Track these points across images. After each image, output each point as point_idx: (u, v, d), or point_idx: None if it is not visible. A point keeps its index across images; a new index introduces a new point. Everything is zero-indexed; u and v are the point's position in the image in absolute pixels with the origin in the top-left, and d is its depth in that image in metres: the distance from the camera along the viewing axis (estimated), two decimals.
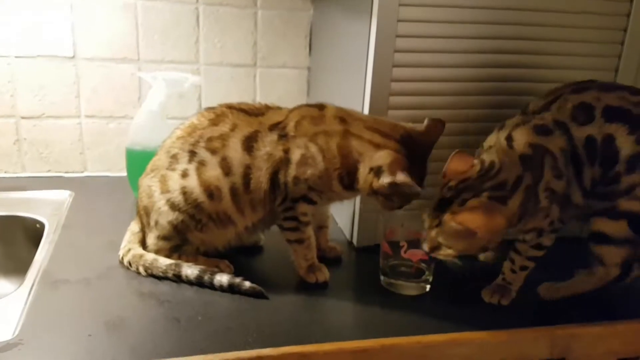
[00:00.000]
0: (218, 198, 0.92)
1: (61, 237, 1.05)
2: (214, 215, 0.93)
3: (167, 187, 0.94)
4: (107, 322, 0.80)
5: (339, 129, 0.91)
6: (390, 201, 0.90)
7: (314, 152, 0.90)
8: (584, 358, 0.89)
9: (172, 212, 0.93)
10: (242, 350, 0.75)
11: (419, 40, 0.99)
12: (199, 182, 0.92)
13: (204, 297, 0.89)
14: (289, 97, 1.44)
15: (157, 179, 0.95)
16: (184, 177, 0.93)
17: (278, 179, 0.91)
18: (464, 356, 0.83)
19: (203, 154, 0.92)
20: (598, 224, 0.91)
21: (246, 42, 1.38)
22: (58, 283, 0.90)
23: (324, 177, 0.91)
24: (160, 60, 1.35)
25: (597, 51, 1.07)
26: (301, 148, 0.90)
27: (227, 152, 0.92)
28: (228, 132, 0.93)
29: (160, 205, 0.94)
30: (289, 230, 0.95)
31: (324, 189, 0.92)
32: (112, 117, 1.37)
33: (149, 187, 0.96)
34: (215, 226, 0.94)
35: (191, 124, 0.96)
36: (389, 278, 0.96)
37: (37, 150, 1.36)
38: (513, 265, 0.93)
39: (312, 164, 0.90)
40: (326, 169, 0.90)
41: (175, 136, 0.97)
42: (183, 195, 0.92)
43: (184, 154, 0.94)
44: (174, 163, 0.94)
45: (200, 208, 0.92)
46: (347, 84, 1.10)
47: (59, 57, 1.30)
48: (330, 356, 0.78)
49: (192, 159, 0.93)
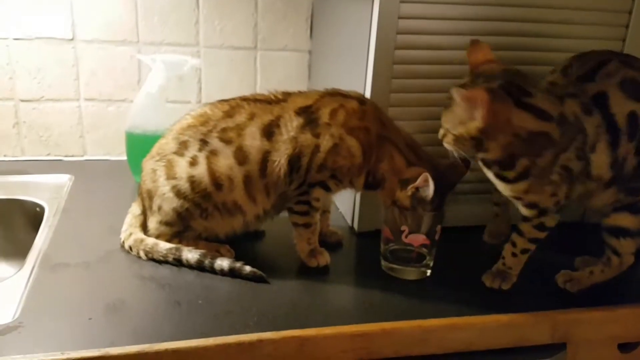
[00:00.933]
0: (229, 188, 0.91)
1: (61, 221, 1.05)
2: (220, 205, 0.93)
3: (174, 173, 0.93)
4: (107, 306, 0.80)
5: (381, 133, 0.92)
6: (402, 216, 0.91)
7: (352, 146, 0.90)
8: (585, 343, 0.89)
9: (177, 199, 0.92)
10: (243, 334, 0.75)
11: (421, 22, 0.98)
12: (208, 172, 0.91)
13: (205, 281, 0.88)
14: (289, 80, 1.43)
15: (162, 163, 0.94)
16: (193, 165, 0.91)
17: (299, 163, 0.90)
18: (465, 340, 0.83)
19: (215, 144, 0.91)
20: (619, 219, 0.90)
21: (247, 24, 1.37)
22: (58, 267, 0.90)
23: (354, 171, 0.92)
24: (159, 42, 1.33)
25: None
26: (335, 138, 0.90)
27: (244, 141, 0.91)
28: (245, 121, 0.92)
29: (165, 191, 0.93)
30: (299, 213, 0.94)
31: (344, 181, 0.93)
32: (111, 100, 1.36)
33: (154, 170, 0.95)
34: (220, 215, 0.94)
35: (204, 114, 0.95)
36: (390, 263, 0.95)
37: (36, 134, 1.35)
38: (514, 249, 0.92)
39: (346, 156, 0.90)
40: (359, 165, 0.92)
41: (186, 123, 0.95)
42: (190, 184, 0.91)
43: (194, 142, 0.92)
44: (182, 149, 0.93)
45: (208, 197, 0.92)
46: (349, 67, 1.09)
47: (57, 40, 1.29)
48: (330, 340, 0.78)
49: (203, 148, 0.92)
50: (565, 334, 0.87)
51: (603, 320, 0.88)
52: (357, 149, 0.91)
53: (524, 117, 0.81)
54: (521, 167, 0.84)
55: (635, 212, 0.90)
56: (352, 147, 0.91)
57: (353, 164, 0.91)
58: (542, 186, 0.85)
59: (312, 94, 0.95)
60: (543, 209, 0.87)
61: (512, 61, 1.01)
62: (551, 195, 0.86)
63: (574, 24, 1.04)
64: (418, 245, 0.93)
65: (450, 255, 1.00)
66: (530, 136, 0.82)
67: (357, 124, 0.91)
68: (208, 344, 0.73)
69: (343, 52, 1.15)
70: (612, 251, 0.92)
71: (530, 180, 0.84)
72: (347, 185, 0.95)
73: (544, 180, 0.84)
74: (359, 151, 0.91)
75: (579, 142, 0.84)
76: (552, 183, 0.85)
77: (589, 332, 0.88)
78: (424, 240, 0.93)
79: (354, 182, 0.95)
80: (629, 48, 1.06)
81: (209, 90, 1.40)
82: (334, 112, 0.91)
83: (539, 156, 0.83)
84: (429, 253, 0.95)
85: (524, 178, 0.84)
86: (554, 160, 0.83)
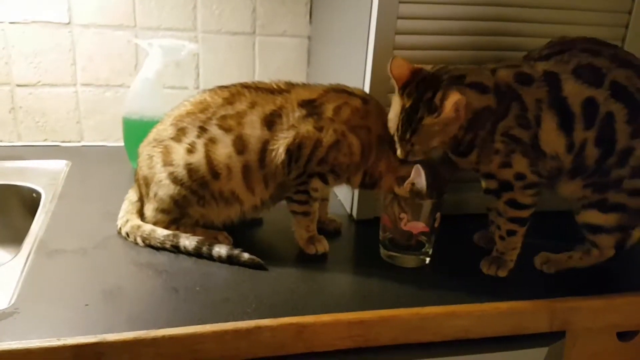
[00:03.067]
0: (227, 177, 0.90)
1: (58, 207, 1.04)
2: (217, 194, 0.92)
3: (171, 160, 0.92)
4: (104, 292, 0.80)
5: (381, 133, 0.91)
6: (401, 208, 0.91)
7: (353, 144, 0.90)
8: (583, 331, 0.89)
9: (174, 186, 0.91)
10: (241, 321, 0.75)
11: (422, 6, 0.96)
12: (206, 160, 0.90)
13: (203, 267, 0.88)
14: (288, 66, 1.42)
15: (159, 149, 0.93)
16: (190, 152, 0.90)
17: (299, 153, 0.90)
18: (463, 328, 0.83)
19: (215, 131, 0.90)
20: (590, 216, 0.91)
21: (245, 9, 1.35)
22: (54, 253, 0.89)
23: (352, 167, 0.92)
24: (157, 27, 1.32)
25: (604, 21, 1.05)
26: (338, 134, 0.89)
27: (244, 130, 0.90)
28: (246, 109, 0.91)
29: (162, 177, 0.92)
30: (298, 202, 0.94)
31: (342, 176, 0.94)
32: (108, 85, 1.35)
33: (150, 156, 0.94)
34: (217, 204, 0.93)
35: (203, 100, 0.93)
36: (389, 250, 0.95)
37: (33, 119, 1.34)
38: (499, 231, 0.92)
39: (346, 154, 0.91)
40: (357, 163, 0.92)
41: (185, 110, 0.94)
42: (187, 172, 0.90)
43: (193, 128, 0.91)
44: (180, 135, 0.92)
45: (205, 185, 0.91)
46: (349, 53, 1.08)
47: (54, 24, 1.27)
48: (328, 327, 0.77)
49: (202, 135, 0.91)
50: (564, 322, 0.86)
51: (602, 308, 0.88)
52: (357, 147, 0.91)
53: (471, 96, 0.84)
54: (468, 140, 0.87)
55: (605, 210, 0.89)
56: (352, 145, 0.90)
57: (352, 162, 0.92)
58: (489, 156, 0.86)
59: (316, 88, 0.94)
60: (504, 182, 0.88)
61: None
62: (501, 166, 0.87)
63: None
64: (417, 233, 0.93)
65: (449, 244, 1.00)
66: (476, 114, 0.84)
67: (360, 122, 0.91)
68: (205, 331, 0.73)
69: (343, 38, 1.13)
70: (591, 244, 0.93)
71: (476, 151, 0.87)
72: (344, 182, 0.96)
73: (489, 150, 0.86)
74: (358, 150, 0.91)
75: (517, 110, 0.85)
76: (499, 152, 0.86)
77: (588, 321, 0.88)
78: (423, 228, 0.92)
79: (351, 180, 0.95)
80: (629, 48, 1.05)
81: (207, 76, 1.38)
82: (338, 108, 0.91)
83: (482, 129, 0.86)
84: (428, 241, 0.94)
85: (470, 150, 0.87)
86: (492, 129, 0.85)
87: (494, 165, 0.87)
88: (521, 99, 0.85)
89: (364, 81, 1.00)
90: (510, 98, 0.85)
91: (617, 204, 0.89)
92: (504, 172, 0.87)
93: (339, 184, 0.97)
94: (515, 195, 0.88)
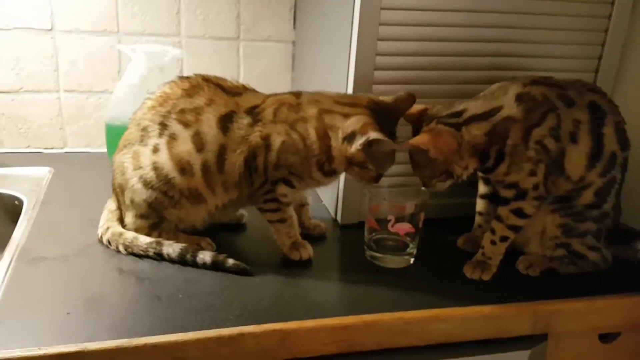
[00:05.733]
0: (189, 173, 0.90)
1: (40, 214, 1.04)
2: (185, 192, 0.91)
3: (140, 163, 0.91)
4: (86, 300, 0.79)
5: (313, 113, 0.90)
6: (367, 170, 0.89)
7: (296, 140, 0.89)
8: (566, 334, 0.90)
9: (145, 189, 0.91)
10: (224, 328, 0.75)
11: (403, 13, 0.97)
12: (170, 157, 0.90)
13: (185, 274, 0.88)
14: (273, 71, 1.42)
15: (129, 155, 0.93)
16: (155, 152, 0.90)
17: (255, 164, 0.90)
18: (446, 332, 0.83)
19: (174, 127, 0.90)
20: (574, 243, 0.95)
21: (229, 13, 1.35)
22: (36, 260, 0.88)
23: (305, 164, 0.91)
24: (140, 32, 1.32)
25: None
26: (282, 135, 0.89)
27: (201, 127, 0.90)
28: (203, 106, 0.91)
29: (134, 182, 0.92)
30: (270, 211, 0.94)
31: (303, 175, 0.92)
32: (91, 91, 1.34)
33: (122, 163, 0.94)
34: (188, 203, 0.92)
35: (163, 93, 0.93)
36: (374, 252, 0.95)
37: (15, 126, 1.33)
38: (493, 236, 0.92)
39: (293, 152, 0.89)
40: (306, 156, 0.90)
41: (146, 107, 0.94)
42: (154, 171, 0.90)
43: (154, 126, 0.91)
44: (145, 137, 0.92)
45: (172, 184, 0.90)
46: (332, 58, 1.08)
47: (36, 30, 1.27)
48: (312, 333, 0.77)
49: (163, 133, 0.90)
50: (546, 325, 0.87)
51: (584, 311, 0.89)
52: (299, 141, 0.90)
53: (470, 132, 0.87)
54: (494, 153, 0.88)
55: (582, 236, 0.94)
56: (295, 141, 0.89)
57: (302, 157, 0.90)
58: (520, 163, 0.87)
59: (262, 95, 0.95)
60: (523, 190, 0.89)
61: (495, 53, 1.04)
62: (530, 175, 0.88)
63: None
64: (404, 233, 0.93)
65: (433, 247, 1.00)
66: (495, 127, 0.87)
67: (295, 116, 0.90)
68: (187, 339, 0.72)
69: (327, 39, 1.14)
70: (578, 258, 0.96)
71: (507, 161, 0.87)
72: (308, 181, 0.94)
73: (521, 157, 0.87)
74: (301, 143, 0.89)
75: (552, 122, 0.87)
76: (530, 160, 0.87)
77: (570, 323, 0.88)
78: (409, 229, 0.93)
79: (313, 175, 0.92)
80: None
81: None
82: (277, 110, 0.91)
83: (507, 138, 0.87)
84: (412, 241, 0.95)
85: (500, 161, 0.88)
86: (526, 136, 0.86)
87: (524, 173, 0.88)
88: (558, 113, 0.88)
89: (347, 85, 1.00)
90: (548, 109, 0.87)
91: (579, 253, 0.94)
92: (528, 180, 0.88)
93: (306, 185, 0.96)
94: (524, 204, 0.90)
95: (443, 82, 1.04)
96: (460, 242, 1.04)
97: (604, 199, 0.92)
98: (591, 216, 0.93)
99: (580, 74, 1.06)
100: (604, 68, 1.09)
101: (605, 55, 1.09)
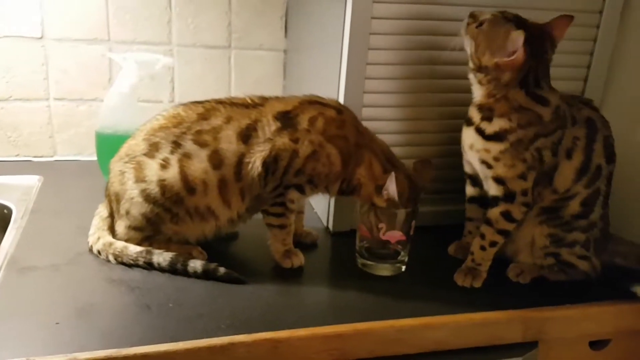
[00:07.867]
0: (202, 192, 0.90)
1: (29, 223, 1.03)
2: (192, 210, 0.91)
3: (143, 176, 0.90)
4: (76, 309, 0.78)
5: (358, 141, 0.93)
6: (377, 216, 0.92)
7: (331, 154, 0.91)
8: (556, 341, 0.90)
9: (146, 204, 0.90)
10: (215, 337, 0.74)
11: (394, 22, 0.98)
12: (181, 176, 0.89)
13: (176, 283, 0.87)
14: (264, 80, 1.42)
15: (131, 165, 0.92)
16: (164, 168, 0.89)
17: (276, 165, 0.90)
18: (438, 340, 0.83)
19: (189, 147, 0.89)
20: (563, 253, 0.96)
21: (220, 22, 1.35)
22: (26, 269, 0.87)
23: (331, 178, 0.93)
24: (131, 40, 1.31)
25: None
26: (315, 144, 0.90)
27: (220, 145, 0.89)
28: (221, 124, 0.90)
29: (134, 194, 0.91)
30: (275, 215, 0.94)
31: (320, 186, 0.94)
32: (82, 99, 1.33)
33: (122, 172, 0.92)
34: (191, 220, 0.92)
35: (177, 115, 0.92)
36: (365, 259, 0.95)
37: (5, 134, 1.32)
38: (483, 241, 0.93)
39: (325, 164, 0.91)
40: (337, 173, 0.92)
41: (158, 124, 0.92)
42: (161, 188, 0.89)
43: (166, 143, 0.90)
44: (153, 151, 0.91)
45: (180, 202, 0.90)
46: (323, 67, 1.09)
47: (26, 38, 1.26)
48: (303, 341, 0.77)
49: (176, 150, 0.90)
50: (537, 332, 0.87)
51: (574, 318, 0.89)
52: (336, 157, 0.91)
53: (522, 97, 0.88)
54: (498, 126, 0.88)
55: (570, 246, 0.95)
56: (331, 155, 0.91)
57: (331, 171, 0.92)
58: (514, 159, 0.88)
59: (290, 100, 0.94)
60: (511, 192, 0.90)
61: None
62: (519, 177, 0.89)
63: None
64: (395, 241, 0.94)
65: (424, 255, 1.01)
66: (520, 108, 0.87)
67: (336, 132, 0.92)
68: (178, 348, 0.72)
69: (318, 47, 1.14)
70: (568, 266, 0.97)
71: (504, 145, 0.88)
72: (322, 191, 0.96)
73: (517, 153, 0.88)
74: (338, 159, 0.91)
75: (557, 137, 0.89)
76: (524, 162, 0.88)
77: (561, 330, 0.89)
78: (400, 237, 0.93)
79: (329, 188, 0.95)
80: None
81: (182, 90, 1.38)
82: (313, 119, 0.91)
83: (523, 128, 0.87)
84: (403, 249, 0.95)
85: (499, 139, 0.88)
86: (533, 138, 0.88)
87: (514, 172, 0.89)
88: (564, 131, 0.90)
89: (338, 92, 1.00)
90: (562, 125, 0.90)
91: (569, 262, 0.95)
92: (517, 183, 0.89)
93: (316, 194, 0.97)
94: (513, 207, 0.90)
95: (434, 91, 1.05)
96: (451, 249, 1.04)
97: (591, 209, 0.93)
98: (579, 226, 0.93)
99: (569, 82, 1.08)
100: (592, 77, 1.11)
101: (593, 64, 1.10)
